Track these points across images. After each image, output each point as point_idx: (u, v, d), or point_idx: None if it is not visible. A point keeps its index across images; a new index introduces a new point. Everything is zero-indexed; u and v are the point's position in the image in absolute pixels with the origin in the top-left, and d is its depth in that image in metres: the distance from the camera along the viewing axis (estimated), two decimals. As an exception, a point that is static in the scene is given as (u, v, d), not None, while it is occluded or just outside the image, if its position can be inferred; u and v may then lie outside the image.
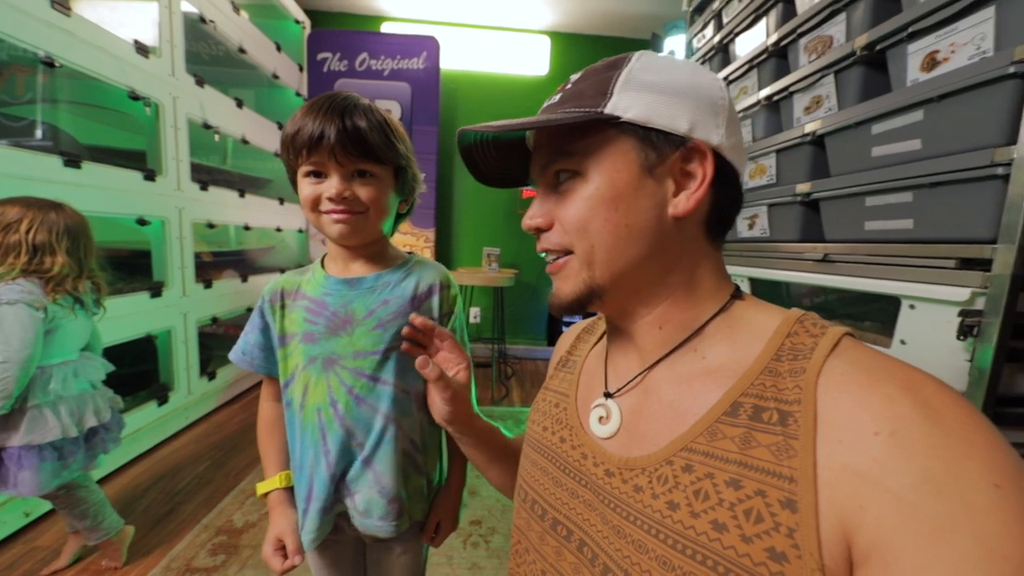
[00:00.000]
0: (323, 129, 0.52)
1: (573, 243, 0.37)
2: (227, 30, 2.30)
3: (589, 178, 0.36)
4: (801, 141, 1.14)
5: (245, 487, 1.63)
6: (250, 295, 2.56)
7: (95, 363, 1.18)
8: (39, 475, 1.01)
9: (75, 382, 1.10)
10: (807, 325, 0.33)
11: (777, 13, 1.30)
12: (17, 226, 1.01)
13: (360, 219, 0.56)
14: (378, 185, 0.57)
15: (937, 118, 0.80)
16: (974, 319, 0.71)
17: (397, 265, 0.63)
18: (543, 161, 0.39)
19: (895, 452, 0.25)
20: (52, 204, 1.09)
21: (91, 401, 1.12)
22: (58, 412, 1.05)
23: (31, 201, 1.06)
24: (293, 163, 0.56)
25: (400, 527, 0.60)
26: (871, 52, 0.94)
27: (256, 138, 2.60)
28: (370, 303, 0.60)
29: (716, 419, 0.32)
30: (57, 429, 1.03)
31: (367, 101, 0.57)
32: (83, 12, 1.51)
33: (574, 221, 0.36)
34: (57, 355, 1.09)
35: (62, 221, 1.07)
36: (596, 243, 0.36)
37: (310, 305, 0.60)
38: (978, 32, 0.74)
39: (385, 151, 0.56)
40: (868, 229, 0.95)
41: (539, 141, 0.40)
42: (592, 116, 0.35)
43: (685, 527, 0.30)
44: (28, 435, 1.00)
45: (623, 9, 3.03)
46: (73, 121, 1.79)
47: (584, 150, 0.36)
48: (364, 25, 3.31)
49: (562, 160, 0.37)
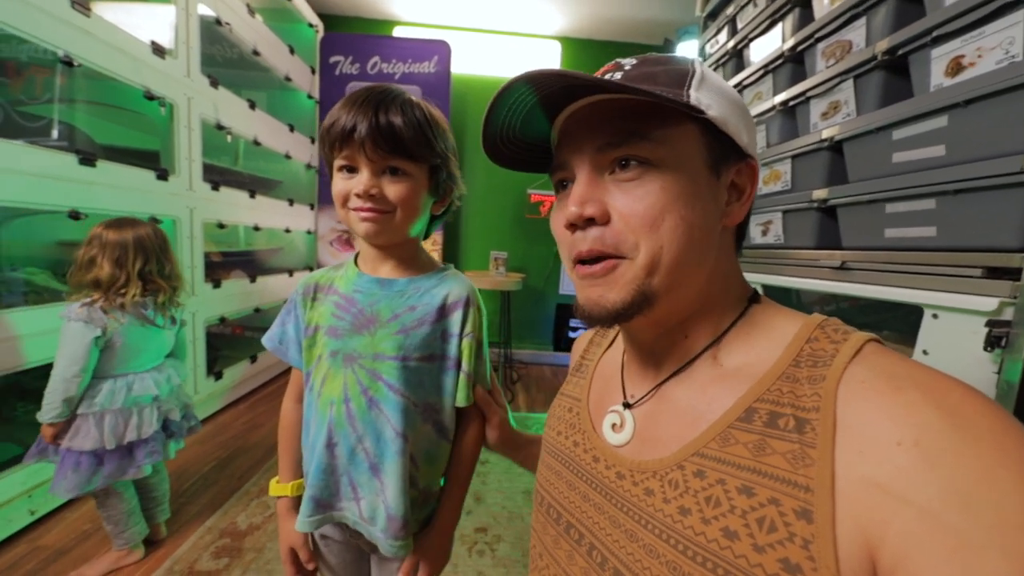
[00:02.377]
0: (355, 122, 0.51)
1: (638, 242, 0.32)
2: (242, 32, 2.33)
3: (664, 170, 0.32)
4: (818, 147, 1.12)
5: (250, 489, 1.63)
6: (259, 295, 2.57)
7: (161, 375, 1.25)
8: (73, 477, 1.09)
9: (126, 396, 1.16)
10: (828, 331, 0.32)
11: (794, 18, 1.28)
12: (86, 243, 1.14)
13: (388, 218, 0.55)
14: (410, 183, 0.55)
15: (962, 124, 0.78)
16: (1002, 330, 0.68)
17: (431, 273, 0.62)
18: (604, 140, 0.33)
19: (919, 463, 0.23)
20: (120, 222, 1.19)
21: (136, 415, 1.18)
22: (101, 424, 1.12)
23: (106, 222, 1.18)
24: (329, 156, 0.56)
25: (403, 549, 0.58)
26: (892, 57, 0.93)
27: (268, 140, 2.62)
28: (396, 306, 0.59)
29: (729, 424, 0.31)
30: (95, 440, 1.11)
31: (410, 96, 0.55)
32: (102, 13, 1.53)
33: (646, 215, 0.32)
34: (119, 368, 1.17)
35: (112, 235, 1.15)
36: (667, 243, 0.32)
37: (340, 300, 0.60)
38: (1006, 36, 0.72)
39: (419, 148, 0.54)
40: (888, 236, 0.93)
41: (598, 118, 0.34)
42: (684, 101, 0.32)
43: (696, 533, 0.29)
44: (70, 440, 1.10)
45: (635, 14, 3.03)
46: (89, 120, 1.81)
47: (663, 138, 0.33)
48: (376, 29, 3.34)
49: (634, 143, 0.33)
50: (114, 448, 1.13)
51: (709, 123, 0.33)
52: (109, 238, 1.15)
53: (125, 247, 1.16)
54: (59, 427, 1.09)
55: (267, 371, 2.76)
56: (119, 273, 1.14)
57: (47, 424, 1.08)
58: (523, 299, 3.51)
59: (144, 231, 1.21)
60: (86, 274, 1.12)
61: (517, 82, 0.33)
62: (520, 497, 1.66)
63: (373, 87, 0.54)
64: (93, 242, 1.14)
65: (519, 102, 0.35)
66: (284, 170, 2.98)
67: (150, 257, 1.20)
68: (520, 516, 1.54)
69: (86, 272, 1.12)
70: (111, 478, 1.14)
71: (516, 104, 0.35)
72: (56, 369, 1.07)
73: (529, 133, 0.39)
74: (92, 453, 1.11)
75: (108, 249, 1.14)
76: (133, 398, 1.17)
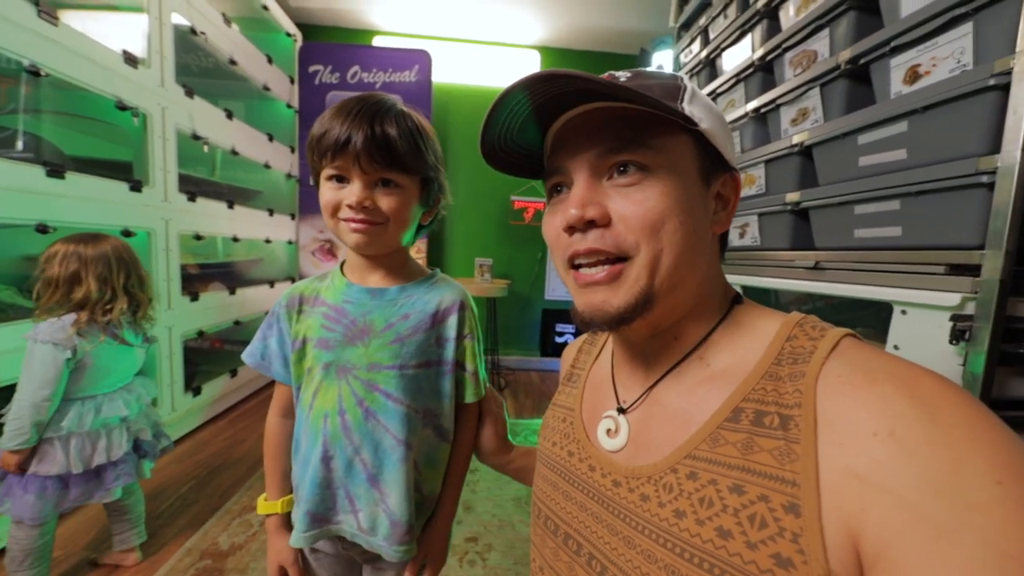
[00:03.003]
0: (350, 134, 0.50)
1: (639, 244, 0.33)
2: (218, 42, 2.29)
3: (661, 176, 0.34)
4: (789, 152, 1.17)
5: (231, 507, 1.57)
6: (239, 307, 2.51)
7: (131, 395, 1.21)
8: (39, 503, 1.05)
9: (94, 418, 1.11)
10: (807, 328, 0.33)
11: (762, 29, 1.34)
12: (52, 260, 1.07)
13: (379, 229, 0.55)
14: (402, 195, 0.55)
15: (921, 129, 0.82)
16: (965, 323, 0.72)
17: (421, 280, 0.62)
18: (605, 146, 0.34)
19: (895, 452, 0.24)
20: (89, 236, 1.14)
21: (104, 438, 1.13)
22: (67, 447, 1.08)
23: (71, 237, 1.12)
24: (317, 165, 0.55)
25: (408, 553, 0.58)
26: (855, 66, 0.97)
27: (246, 149, 2.57)
28: (390, 315, 0.58)
29: (718, 425, 0.32)
30: (61, 464, 1.06)
31: (402, 106, 0.55)
32: (71, 22, 1.49)
33: (647, 219, 0.33)
34: (87, 389, 1.12)
35: (91, 251, 1.10)
36: (666, 246, 0.33)
37: (328, 312, 0.59)
38: (957, 47, 0.76)
39: (413, 161, 0.54)
40: (858, 236, 0.97)
41: (597, 124, 0.35)
42: (680, 112, 0.33)
43: (691, 535, 0.30)
44: (35, 466, 1.05)
45: (611, 25, 3.10)
46: (57, 132, 1.75)
47: (661, 146, 0.34)
48: (355, 39, 3.33)
49: (634, 150, 0.34)
50: (81, 472, 1.08)
51: (699, 135, 0.35)
52: (88, 253, 1.09)
53: (108, 262, 1.11)
54: (25, 454, 1.03)
55: (248, 385, 2.68)
56: (105, 289, 1.10)
57: (10, 452, 1.02)
58: (509, 305, 3.51)
59: (118, 243, 1.16)
60: (68, 292, 1.06)
61: (517, 87, 0.33)
62: (510, 505, 1.64)
63: (366, 96, 0.54)
64: (70, 258, 1.07)
65: (520, 106, 0.35)
66: (263, 180, 2.93)
67: (131, 271, 1.17)
68: (511, 524, 1.53)
69: (68, 290, 1.06)
70: (77, 502, 1.09)
71: (516, 108, 0.36)
72: (23, 393, 1.01)
73: (523, 139, 0.40)
74: (58, 477, 1.06)
75: (91, 264, 1.09)
76: (101, 420, 1.12)
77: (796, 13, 1.18)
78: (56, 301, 1.07)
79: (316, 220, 3.14)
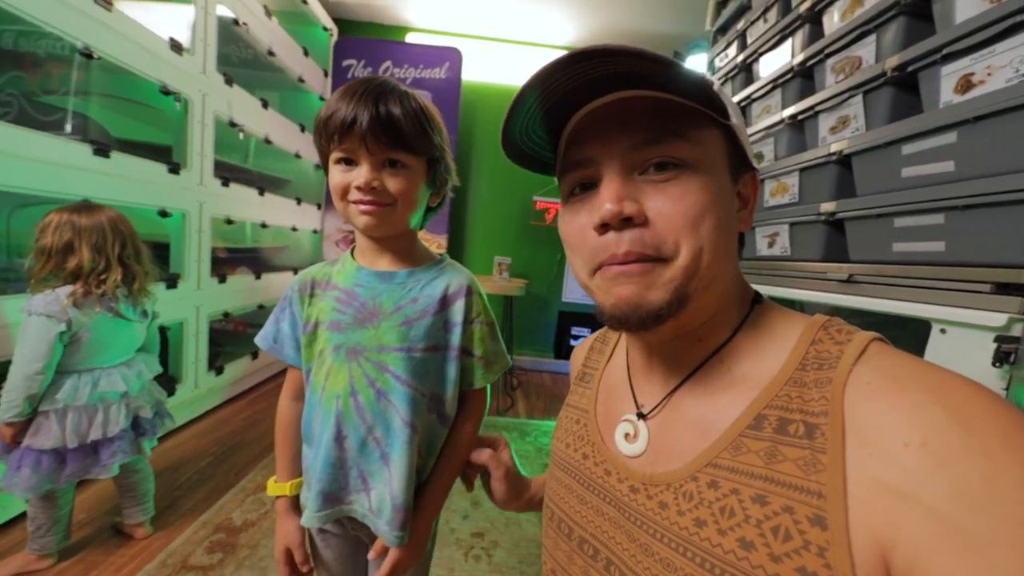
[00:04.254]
0: (356, 114, 0.50)
1: (679, 242, 0.31)
2: (258, 33, 2.36)
3: (700, 171, 0.32)
4: (826, 160, 1.13)
5: (246, 484, 1.62)
6: (263, 292, 2.58)
7: (131, 371, 1.20)
8: (33, 477, 1.05)
9: (91, 392, 1.11)
10: (832, 332, 0.32)
11: (804, 34, 1.30)
12: (46, 230, 1.06)
13: (388, 211, 0.55)
14: (409, 176, 0.55)
15: (971, 140, 0.78)
16: (1011, 346, 0.68)
17: (430, 264, 0.63)
18: (641, 137, 0.32)
19: (927, 463, 0.23)
20: (85, 206, 1.13)
21: (102, 413, 1.13)
22: (63, 421, 1.08)
23: (66, 207, 1.11)
24: (325, 148, 0.56)
25: (403, 540, 0.58)
26: (902, 73, 0.94)
27: (279, 139, 2.65)
28: (399, 298, 0.59)
29: (740, 433, 0.31)
30: (56, 438, 1.06)
31: (405, 87, 0.55)
32: (123, 9, 1.56)
33: (687, 215, 0.31)
34: (84, 362, 1.12)
35: (85, 220, 1.09)
36: (706, 244, 0.31)
37: (340, 295, 0.60)
38: (1017, 55, 0.73)
39: (419, 141, 0.54)
40: (896, 250, 0.93)
41: (631, 114, 0.33)
42: (720, 104, 0.32)
43: (712, 545, 0.29)
44: (30, 439, 1.05)
45: (645, 27, 3.07)
46: (104, 113, 1.84)
47: (698, 139, 0.32)
48: (389, 35, 3.39)
49: (674, 143, 0.32)
50: (77, 447, 1.08)
51: (728, 130, 0.34)
52: (83, 223, 1.08)
53: (103, 231, 1.10)
54: (19, 426, 1.04)
55: (268, 368, 2.75)
56: (99, 259, 1.09)
57: (5, 424, 1.03)
58: (526, 305, 3.51)
59: (114, 214, 1.14)
60: (61, 262, 1.05)
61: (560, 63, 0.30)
62: (517, 503, 1.64)
63: (370, 79, 0.54)
64: (63, 227, 1.06)
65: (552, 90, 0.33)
66: (293, 169, 3.01)
67: (127, 241, 1.15)
68: (517, 522, 1.53)
69: (61, 260, 1.05)
70: (73, 477, 1.09)
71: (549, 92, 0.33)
72: (16, 366, 1.01)
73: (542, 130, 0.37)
74: (54, 452, 1.06)
75: (85, 234, 1.07)
76: (99, 394, 1.11)
77: (841, 18, 1.14)
78: (49, 271, 1.05)
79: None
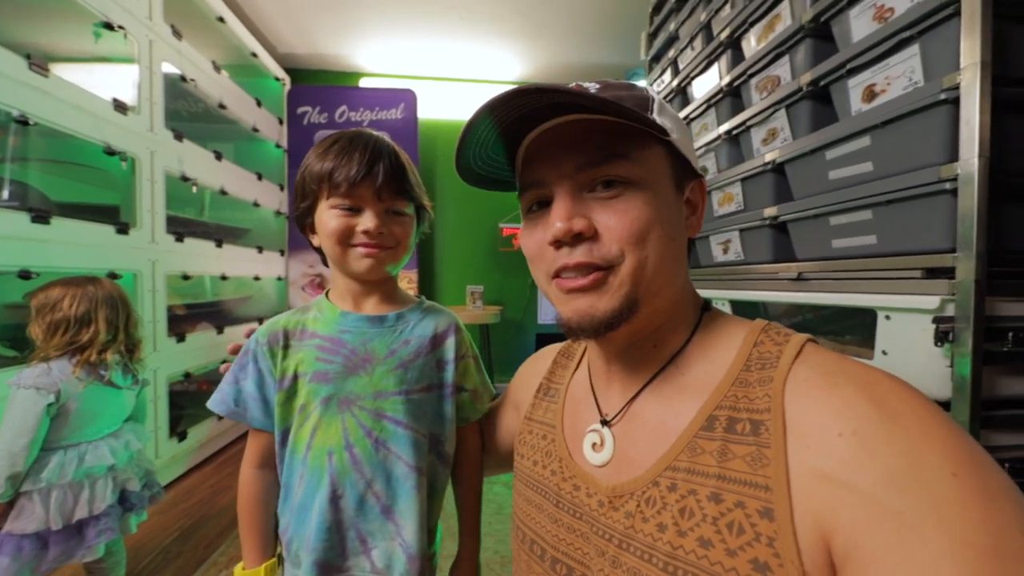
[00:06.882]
0: (370, 168, 0.53)
1: (624, 254, 0.34)
2: (208, 88, 2.36)
3: (643, 187, 0.34)
4: (763, 169, 1.21)
5: (217, 559, 1.49)
6: (226, 347, 2.46)
7: (118, 442, 1.15)
8: (13, 565, 0.98)
9: (77, 467, 1.05)
10: (771, 334, 0.34)
11: (727, 58, 1.42)
12: (60, 303, 1.06)
13: (389, 254, 0.57)
14: (407, 223, 0.59)
15: (883, 142, 0.87)
16: (947, 325, 0.73)
17: (413, 306, 0.63)
18: (585, 159, 0.34)
19: (859, 451, 0.25)
20: (88, 279, 1.15)
21: (87, 489, 1.06)
22: (47, 501, 1.01)
23: (68, 280, 1.12)
24: (315, 195, 0.56)
25: None
26: (816, 87, 1.03)
27: (235, 189, 2.60)
28: (391, 342, 0.58)
29: (695, 434, 0.32)
30: (40, 520, 1.00)
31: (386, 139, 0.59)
32: (62, 74, 1.53)
33: (633, 230, 0.33)
34: (70, 437, 1.07)
35: (100, 292, 1.12)
36: (651, 255, 0.34)
37: (323, 343, 0.57)
38: (908, 66, 0.82)
39: (416, 190, 0.59)
40: (836, 247, 1.00)
41: (574, 138, 0.35)
42: (656, 124, 0.34)
43: (674, 547, 0.30)
44: (11, 523, 0.99)
45: (586, 60, 3.26)
46: (44, 178, 1.76)
47: (639, 158, 0.35)
48: (343, 81, 3.45)
49: (617, 163, 0.34)
50: (60, 528, 1.00)
51: (670, 145, 0.36)
52: (98, 294, 1.11)
53: (113, 303, 1.13)
54: (1, 509, 0.98)
55: (235, 428, 2.59)
56: (111, 330, 1.10)
57: None
58: (502, 331, 3.49)
59: (114, 285, 1.17)
60: (76, 334, 1.05)
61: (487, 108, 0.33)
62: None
63: (359, 133, 0.57)
64: (80, 299, 1.08)
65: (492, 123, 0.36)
66: (253, 218, 2.94)
67: (130, 311, 1.18)
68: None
69: (77, 332, 1.06)
70: (56, 563, 1.01)
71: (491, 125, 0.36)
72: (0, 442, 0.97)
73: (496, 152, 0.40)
74: (35, 535, 0.99)
75: (101, 306, 1.10)
76: (85, 470, 1.05)
77: (757, 42, 1.26)
78: (65, 343, 1.05)
79: (306, 255, 3.14)
